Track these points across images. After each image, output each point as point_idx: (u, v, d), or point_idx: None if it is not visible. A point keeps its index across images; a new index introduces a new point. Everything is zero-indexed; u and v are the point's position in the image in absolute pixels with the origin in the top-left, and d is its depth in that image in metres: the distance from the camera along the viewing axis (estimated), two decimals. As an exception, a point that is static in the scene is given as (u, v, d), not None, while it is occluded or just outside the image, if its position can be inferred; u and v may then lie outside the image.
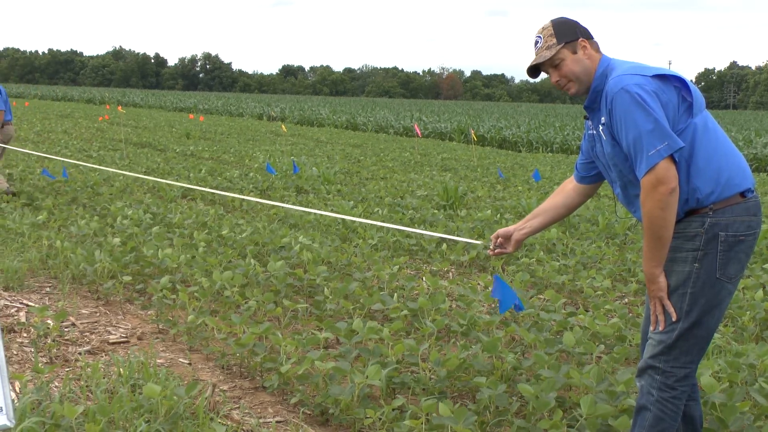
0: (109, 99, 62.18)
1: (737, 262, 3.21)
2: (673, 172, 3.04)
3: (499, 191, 13.53)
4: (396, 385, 4.56)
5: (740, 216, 3.19)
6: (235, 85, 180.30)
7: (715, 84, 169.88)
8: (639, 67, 3.23)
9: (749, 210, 3.21)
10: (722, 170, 3.18)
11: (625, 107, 3.11)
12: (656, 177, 3.03)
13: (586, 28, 3.39)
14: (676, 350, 3.23)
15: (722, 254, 3.17)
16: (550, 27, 3.36)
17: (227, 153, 19.01)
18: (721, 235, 3.16)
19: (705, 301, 3.19)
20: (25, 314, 5.85)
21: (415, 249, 8.42)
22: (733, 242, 3.18)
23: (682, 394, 3.27)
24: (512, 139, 30.65)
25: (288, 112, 45.94)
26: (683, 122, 3.17)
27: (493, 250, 3.78)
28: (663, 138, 3.03)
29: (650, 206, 3.08)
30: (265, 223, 9.33)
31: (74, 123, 29.40)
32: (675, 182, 3.04)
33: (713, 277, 3.18)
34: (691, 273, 3.19)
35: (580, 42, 3.33)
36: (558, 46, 3.31)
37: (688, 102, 3.18)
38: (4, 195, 10.31)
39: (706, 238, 3.17)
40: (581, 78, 3.35)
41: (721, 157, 3.19)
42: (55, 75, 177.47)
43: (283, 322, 5.80)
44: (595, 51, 3.37)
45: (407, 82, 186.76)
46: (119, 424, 3.76)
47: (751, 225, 3.22)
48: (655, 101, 3.09)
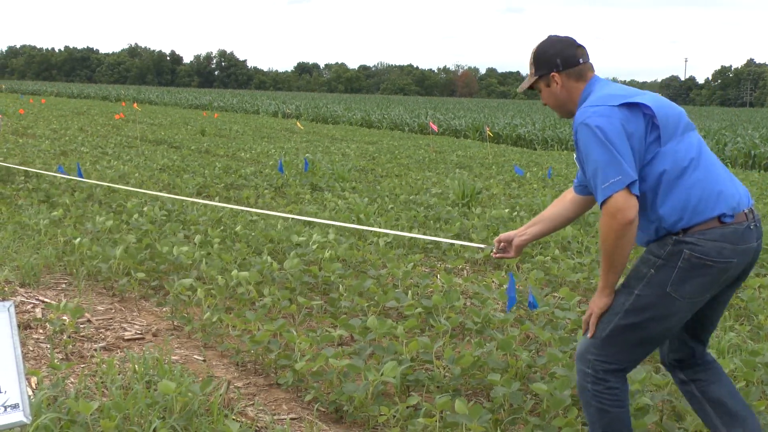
0: (125, 96, 62.39)
1: (698, 285, 3.16)
2: (631, 203, 3.05)
3: (514, 189, 13.49)
4: (410, 382, 4.56)
5: (713, 240, 3.13)
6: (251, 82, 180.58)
7: (732, 81, 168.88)
8: (608, 96, 3.23)
9: (726, 236, 3.14)
10: (691, 197, 3.14)
11: (585, 140, 3.17)
12: (612, 208, 3.06)
13: (572, 54, 3.41)
14: (607, 344, 3.26)
15: (681, 271, 3.15)
16: (532, 55, 3.50)
17: (242, 150, 19.05)
18: (686, 253, 3.14)
19: (650, 308, 3.20)
20: (41, 310, 5.88)
21: (430, 247, 8.41)
22: (697, 263, 3.13)
23: (617, 385, 3.28)
24: (527, 137, 30.57)
25: (303, 110, 45.96)
26: (652, 151, 3.17)
27: (495, 253, 3.84)
28: (618, 171, 3.05)
29: (605, 234, 3.12)
30: (280, 219, 9.34)
31: (90, 120, 29.53)
32: (631, 214, 3.05)
33: (663, 289, 3.17)
34: (644, 276, 3.22)
35: (552, 76, 3.42)
36: (534, 77, 3.48)
37: (657, 131, 3.17)
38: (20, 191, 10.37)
39: (670, 251, 3.17)
40: (556, 109, 3.52)
41: (693, 184, 3.16)
42: (71, 72, 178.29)
43: (297, 320, 5.80)
44: (575, 81, 3.41)
45: (422, 79, 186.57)
46: (134, 421, 3.78)
47: (724, 252, 3.13)
48: (616, 133, 3.11)
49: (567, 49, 3.42)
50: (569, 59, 3.40)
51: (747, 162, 23.82)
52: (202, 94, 75.60)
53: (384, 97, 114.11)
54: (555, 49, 3.42)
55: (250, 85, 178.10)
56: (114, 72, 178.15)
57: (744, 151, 24.28)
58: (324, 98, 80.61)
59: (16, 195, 10.50)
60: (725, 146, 25.66)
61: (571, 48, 3.42)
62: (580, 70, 3.41)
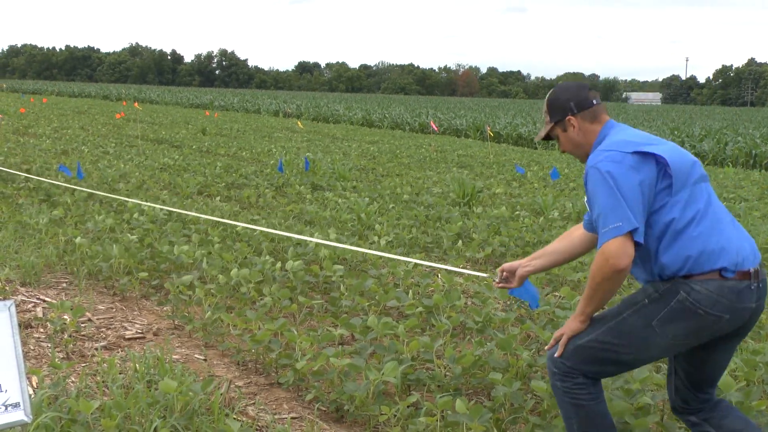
0: (126, 95, 62.39)
1: (683, 329, 3.17)
2: (626, 251, 3.06)
3: (515, 188, 13.49)
4: (411, 381, 4.56)
5: (710, 290, 3.12)
6: (252, 81, 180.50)
7: (733, 81, 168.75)
8: (622, 142, 3.25)
9: (723, 290, 3.12)
10: (693, 249, 3.14)
11: (593, 184, 3.20)
12: (607, 253, 3.07)
13: (585, 96, 3.45)
14: (579, 352, 3.30)
15: (671, 310, 3.16)
16: (546, 103, 3.55)
17: (243, 149, 19.05)
18: (681, 294, 3.14)
19: (630, 335, 3.23)
20: (42, 310, 5.88)
21: (431, 246, 8.41)
22: (689, 308, 3.13)
23: (585, 381, 3.31)
24: (528, 136, 30.55)
25: (304, 109, 45.96)
26: (661, 200, 3.18)
27: (497, 283, 3.82)
28: (620, 217, 3.07)
29: (594, 273, 3.14)
30: (281, 219, 9.34)
31: (91, 119, 29.54)
32: (623, 262, 3.06)
33: (649, 321, 3.19)
34: (637, 303, 3.25)
35: (568, 121, 3.45)
36: (550, 124, 3.52)
37: (669, 180, 3.17)
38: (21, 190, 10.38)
39: (668, 288, 3.19)
40: (574, 152, 3.54)
41: (696, 236, 3.16)
42: (72, 71, 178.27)
43: (298, 319, 5.80)
44: (590, 123, 3.45)
45: (423, 78, 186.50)
46: (135, 420, 3.78)
47: (718, 306, 3.12)
48: (625, 179, 3.13)
49: (579, 92, 3.47)
50: (583, 102, 3.44)
51: (748, 161, 23.82)
52: (203, 93, 75.64)
53: (385, 97, 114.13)
54: (567, 94, 3.47)
55: (251, 84, 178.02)
56: (115, 71, 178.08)
57: (745, 150, 24.27)
58: (325, 97, 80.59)
59: (16, 194, 10.50)
60: (726, 146, 25.65)
61: (583, 91, 3.47)
62: (594, 111, 3.44)
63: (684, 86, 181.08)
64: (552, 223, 9.76)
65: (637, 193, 3.11)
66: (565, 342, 3.34)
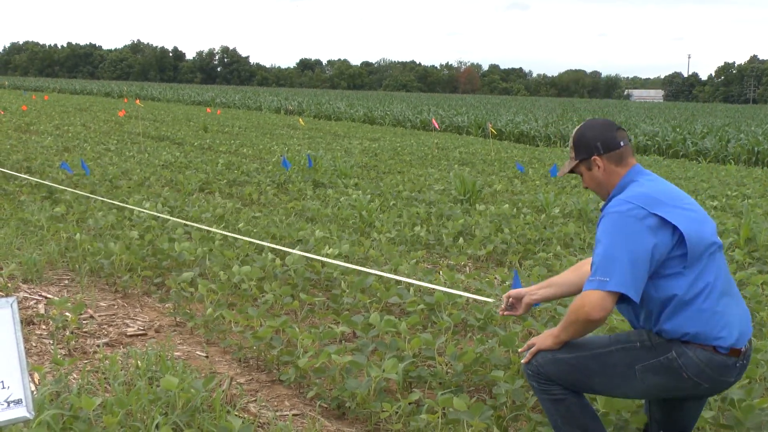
0: (128, 92, 62.40)
1: (662, 383, 3.21)
2: (605, 305, 3.08)
3: (517, 185, 13.49)
4: (412, 379, 4.56)
5: (700, 360, 3.15)
6: (253, 78, 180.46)
7: (735, 78, 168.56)
8: (647, 197, 3.21)
9: (712, 363, 3.16)
10: (696, 324, 3.16)
11: (606, 228, 3.19)
12: (587, 301, 3.10)
13: (612, 137, 3.40)
14: (558, 363, 3.33)
15: (657, 363, 3.19)
16: (572, 140, 3.50)
17: (245, 146, 19.05)
18: (672, 353, 3.17)
19: (610, 368, 3.26)
20: (44, 306, 5.89)
21: (433, 243, 8.41)
22: (675, 369, 3.17)
23: (555, 383, 3.36)
24: (530, 134, 30.53)
25: (305, 106, 45.93)
26: (672, 268, 3.16)
27: (503, 310, 3.81)
28: (614, 274, 3.07)
29: (571, 312, 3.19)
30: (282, 216, 9.34)
31: (93, 116, 29.54)
32: (600, 315, 3.09)
33: (633, 364, 3.23)
34: (628, 342, 3.27)
35: (594, 160, 3.42)
36: (575, 161, 3.49)
37: (684, 250, 3.15)
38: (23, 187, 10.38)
39: (661, 342, 3.21)
40: (596, 190, 3.51)
41: (702, 311, 3.16)
42: (74, 68, 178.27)
43: (300, 316, 5.81)
44: (615, 165, 3.41)
45: (425, 76, 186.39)
46: (137, 417, 3.78)
47: (703, 375, 3.16)
48: (641, 239, 3.11)
49: (607, 132, 3.41)
50: (610, 142, 3.39)
51: (750, 159, 23.78)
52: (204, 90, 75.67)
53: (386, 94, 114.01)
54: (594, 132, 3.42)
55: (252, 81, 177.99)
56: (116, 68, 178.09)
57: (747, 147, 24.23)
58: (326, 95, 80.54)
59: (18, 191, 10.50)
60: (728, 143, 25.62)
61: (610, 131, 3.41)
62: (620, 153, 3.40)
63: (686, 83, 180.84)
64: (553, 220, 9.76)
65: (646, 256, 3.09)
66: (534, 353, 3.39)
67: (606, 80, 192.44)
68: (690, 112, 64.56)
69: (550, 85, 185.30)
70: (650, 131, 29.81)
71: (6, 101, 38.81)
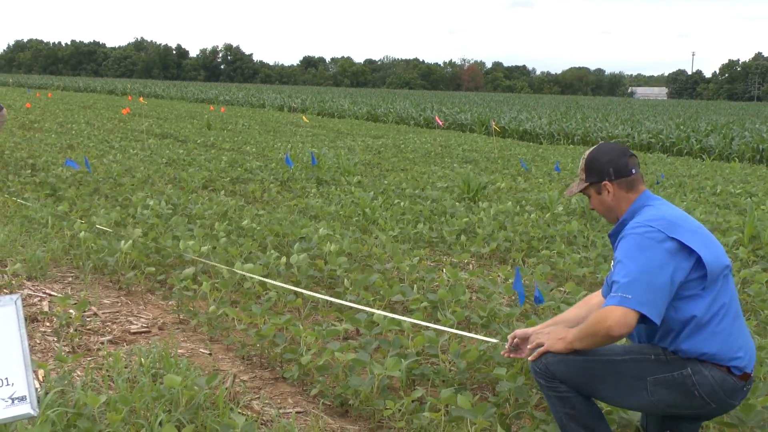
0: (131, 90, 62.47)
1: (671, 399, 3.23)
2: (629, 322, 3.06)
3: (520, 183, 13.48)
4: (416, 376, 4.56)
5: (714, 380, 3.19)
6: (256, 76, 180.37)
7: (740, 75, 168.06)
8: (666, 221, 3.24)
9: (724, 384, 3.20)
10: (716, 344, 3.19)
11: (629, 247, 3.19)
12: (611, 316, 3.07)
13: (624, 164, 3.43)
14: (568, 363, 3.32)
15: (670, 378, 3.21)
16: (584, 162, 3.51)
17: (248, 144, 19.05)
18: (687, 371, 3.19)
19: (621, 377, 3.27)
20: (47, 303, 5.90)
21: (436, 240, 8.41)
22: (688, 387, 3.20)
23: (561, 383, 3.35)
24: (533, 131, 30.51)
25: (309, 104, 45.93)
26: (691, 290, 3.18)
27: (508, 351, 3.78)
28: (637, 293, 3.06)
29: (591, 324, 3.16)
30: (285, 214, 9.35)
31: (96, 114, 29.57)
32: (622, 331, 3.07)
33: (645, 376, 3.24)
34: (642, 354, 3.28)
35: (604, 185, 3.45)
36: (584, 183, 3.50)
37: (702, 272, 3.18)
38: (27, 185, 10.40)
39: (676, 358, 3.23)
40: (604, 214, 3.55)
41: (719, 331, 3.20)
42: (77, 66, 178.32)
43: (303, 313, 5.81)
44: (625, 191, 3.44)
45: (428, 73, 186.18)
46: (140, 414, 3.79)
47: (714, 396, 3.20)
48: (661, 262, 3.12)
49: (619, 158, 3.44)
50: (622, 169, 3.43)
51: (754, 156, 23.75)
52: (208, 88, 75.68)
53: (390, 91, 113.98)
54: (607, 157, 3.45)
55: (255, 79, 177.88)
56: (120, 66, 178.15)
57: (752, 145, 24.20)
58: (330, 92, 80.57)
59: (22, 188, 10.52)
60: (732, 140, 25.58)
61: (623, 158, 3.44)
62: (631, 180, 3.44)
63: (690, 81, 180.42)
64: (557, 218, 9.76)
65: (667, 280, 3.11)
66: (541, 353, 3.38)
67: (610, 78, 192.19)
68: (694, 109, 64.47)
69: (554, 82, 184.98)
70: (654, 129, 29.77)
71: (10, 99, 38.84)
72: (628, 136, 28.01)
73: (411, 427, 4.02)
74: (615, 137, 27.98)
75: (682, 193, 13.01)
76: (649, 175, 15.79)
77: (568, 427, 3.38)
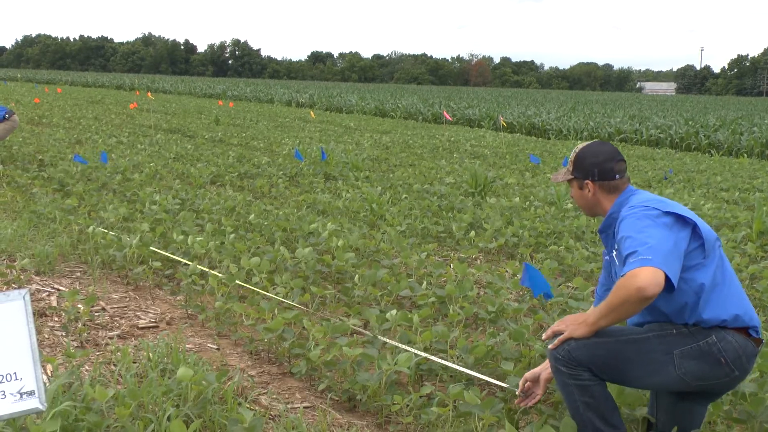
0: (139, 85, 62.56)
1: (699, 371, 3.24)
2: (659, 280, 3.01)
3: (528, 179, 13.46)
4: (423, 372, 4.56)
5: (739, 345, 3.23)
6: (264, 71, 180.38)
7: (749, 71, 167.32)
8: (657, 200, 3.34)
9: (746, 349, 3.26)
10: (733, 307, 3.26)
11: (631, 223, 3.23)
12: (640, 277, 3.01)
13: (610, 168, 3.52)
14: (591, 347, 3.30)
15: (696, 348, 3.23)
16: (574, 155, 3.62)
17: (256, 139, 19.06)
18: (712, 338, 3.22)
19: (646, 355, 3.27)
20: (56, 298, 5.91)
21: (444, 236, 8.40)
22: (714, 353, 3.22)
23: (585, 369, 3.34)
24: (541, 126, 30.45)
25: (316, 99, 45.92)
26: (694, 259, 3.24)
27: (520, 399, 3.78)
28: (654, 254, 3.06)
29: (616, 294, 3.09)
30: (293, 209, 9.35)
31: (105, 109, 29.62)
32: (655, 290, 3.00)
33: (671, 350, 3.24)
34: (664, 329, 3.29)
35: (586, 183, 3.56)
36: (569, 176, 3.64)
37: (700, 241, 3.25)
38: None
39: (699, 329, 3.25)
40: (581, 207, 3.70)
41: (733, 294, 3.29)
42: (86, 61, 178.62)
43: (311, 309, 5.81)
44: (606, 192, 3.54)
45: (436, 68, 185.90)
46: (148, 408, 3.79)
47: (737, 361, 3.24)
48: (663, 233, 3.16)
49: (607, 162, 3.52)
50: (606, 173, 3.52)
51: (763, 152, 23.65)
52: (216, 83, 75.72)
53: (398, 87, 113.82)
54: (595, 159, 3.54)
55: (263, 74, 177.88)
56: (128, 61, 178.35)
57: (761, 141, 24.10)
58: (337, 87, 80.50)
59: (31, 184, 10.55)
60: (741, 136, 25.49)
61: (611, 161, 3.53)
62: (615, 185, 3.54)
63: (698, 76, 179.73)
64: (565, 213, 9.74)
65: (673, 246, 3.14)
66: (562, 340, 3.36)
67: (618, 73, 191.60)
68: (702, 105, 64.25)
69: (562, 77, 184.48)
70: (663, 124, 29.68)
71: (18, 94, 38.95)
72: (636, 131, 27.92)
73: (418, 422, 4.02)
74: (623, 132, 27.89)
75: (690, 188, 12.97)
76: (657, 171, 15.75)
77: (585, 416, 3.37)
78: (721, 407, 3.86)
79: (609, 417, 3.38)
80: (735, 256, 7.27)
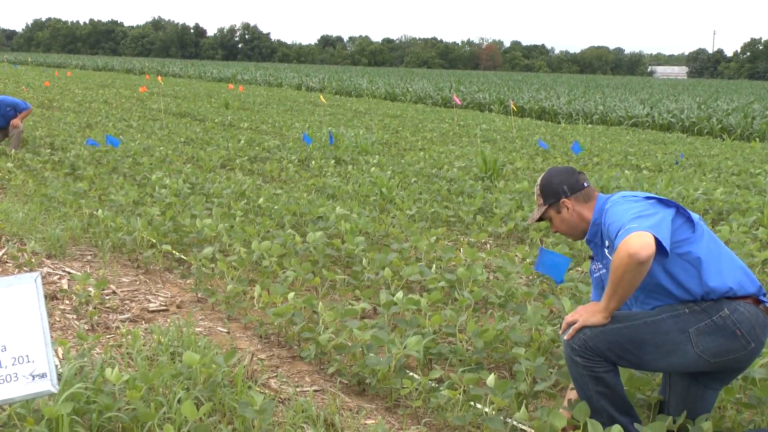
0: (149, 69, 62.56)
1: (716, 346, 3.25)
2: (648, 241, 3.08)
3: (538, 163, 13.42)
4: (433, 355, 4.56)
5: (750, 313, 3.27)
6: (274, 55, 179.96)
7: (762, 54, 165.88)
8: (636, 192, 3.45)
9: (758, 318, 3.29)
10: (736, 272, 3.33)
11: (616, 209, 3.34)
12: (629, 244, 3.10)
13: (575, 180, 3.63)
14: (607, 335, 3.32)
15: (712, 323, 3.25)
16: (538, 188, 3.72)
17: (266, 123, 19.06)
18: (725, 311, 3.25)
19: (663, 336, 3.28)
20: (67, 282, 5.94)
21: (453, 220, 8.39)
22: (730, 328, 3.24)
23: (601, 357, 3.35)
24: (552, 110, 30.34)
25: (326, 83, 45.84)
26: (685, 233, 3.32)
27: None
28: (642, 222, 3.15)
29: (616, 267, 3.15)
30: (303, 193, 9.35)
31: (115, 93, 29.65)
32: (648, 251, 3.07)
33: (686, 329, 3.26)
34: (675, 310, 3.31)
35: (563, 203, 3.62)
36: (543, 207, 3.69)
37: (686, 216, 3.34)
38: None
39: (710, 304, 3.28)
40: (569, 233, 3.70)
41: (731, 260, 3.36)
42: (96, 45, 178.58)
43: (320, 292, 5.82)
44: (583, 203, 3.61)
45: (446, 52, 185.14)
46: (159, 391, 3.81)
47: (752, 332, 3.27)
48: (647, 205, 3.29)
49: (569, 177, 3.65)
50: (574, 185, 3.62)
51: (775, 136, 23.52)
52: (225, 67, 75.62)
53: (408, 70, 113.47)
54: (559, 178, 3.65)
55: (273, 58, 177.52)
56: (138, 45, 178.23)
57: (772, 125, 23.96)
58: (347, 71, 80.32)
59: (42, 167, 10.58)
60: (754, 120, 25.34)
61: (573, 175, 3.65)
62: (587, 192, 3.63)
63: (711, 60, 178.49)
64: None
65: (660, 216, 3.24)
66: (577, 329, 3.37)
67: (629, 57, 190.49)
68: (714, 88, 63.82)
69: (573, 61, 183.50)
70: (674, 108, 29.52)
71: (29, 77, 39.02)
72: (648, 115, 27.79)
73: (428, 405, 4.03)
74: (634, 117, 27.77)
75: (702, 173, 12.91)
76: (668, 155, 15.68)
77: (599, 405, 3.38)
78: (733, 393, 3.85)
79: (621, 405, 3.41)
80: (746, 241, 7.25)
